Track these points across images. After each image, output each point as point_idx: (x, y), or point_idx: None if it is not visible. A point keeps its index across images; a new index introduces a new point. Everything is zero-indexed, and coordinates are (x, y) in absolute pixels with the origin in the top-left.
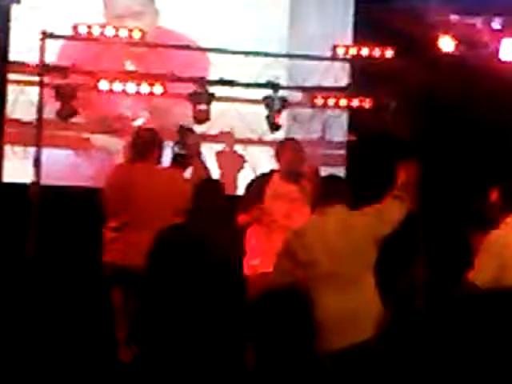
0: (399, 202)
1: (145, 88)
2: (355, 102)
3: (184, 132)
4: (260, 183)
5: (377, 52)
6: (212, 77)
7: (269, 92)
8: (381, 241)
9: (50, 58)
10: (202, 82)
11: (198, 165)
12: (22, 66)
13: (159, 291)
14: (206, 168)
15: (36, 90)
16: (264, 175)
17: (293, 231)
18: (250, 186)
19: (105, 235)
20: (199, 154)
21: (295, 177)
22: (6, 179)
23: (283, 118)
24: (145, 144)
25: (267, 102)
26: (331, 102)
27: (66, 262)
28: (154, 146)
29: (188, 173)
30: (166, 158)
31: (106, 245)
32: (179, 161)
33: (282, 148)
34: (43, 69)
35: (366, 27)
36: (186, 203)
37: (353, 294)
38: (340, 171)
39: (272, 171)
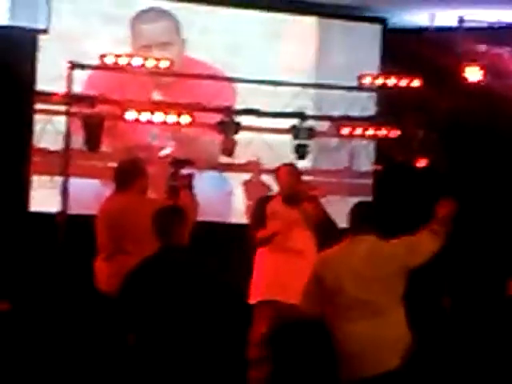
0: (435, 236)
1: (172, 118)
2: (382, 132)
3: (176, 164)
4: (260, 205)
5: (403, 82)
6: (239, 106)
7: (296, 122)
8: (409, 272)
9: (77, 88)
10: (229, 111)
11: (185, 196)
12: (49, 96)
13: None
14: (193, 199)
15: (63, 119)
16: (264, 198)
17: (320, 257)
18: (253, 211)
19: (95, 265)
20: (190, 186)
21: (294, 200)
22: (33, 208)
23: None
24: (124, 174)
25: (294, 131)
26: (358, 131)
27: (92, 290)
28: (134, 176)
29: None
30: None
31: (97, 274)
32: (172, 193)
33: (278, 173)
34: (70, 98)
35: (392, 57)
36: None
37: (379, 323)
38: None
39: (271, 195)
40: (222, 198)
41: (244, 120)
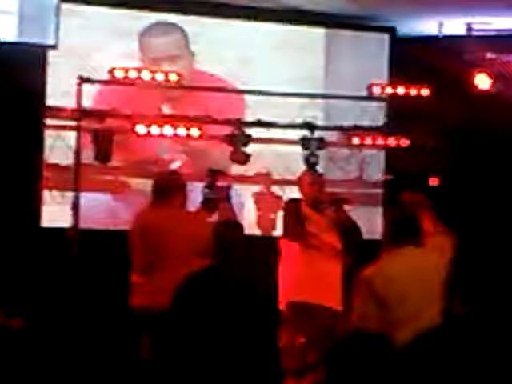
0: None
1: (182, 131)
2: (392, 142)
3: (213, 175)
4: (295, 209)
5: (413, 91)
6: (249, 118)
7: (305, 133)
8: None
9: (87, 103)
10: (239, 123)
11: (224, 208)
12: (59, 111)
13: (186, 333)
14: (232, 212)
15: (73, 134)
16: (294, 203)
17: (367, 274)
18: (288, 210)
19: (132, 279)
20: (228, 197)
21: (318, 206)
22: (45, 224)
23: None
24: (166, 188)
25: (304, 142)
26: (368, 141)
27: (105, 305)
28: (175, 189)
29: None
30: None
31: (133, 288)
32: (208, 204)
33: (300, 182)
34: (80, 113)
35: (401, 66)
36: (210, 245)
37: None
38: (377, 211)
39: (299, 200)
40: None
41: (254, 132)
